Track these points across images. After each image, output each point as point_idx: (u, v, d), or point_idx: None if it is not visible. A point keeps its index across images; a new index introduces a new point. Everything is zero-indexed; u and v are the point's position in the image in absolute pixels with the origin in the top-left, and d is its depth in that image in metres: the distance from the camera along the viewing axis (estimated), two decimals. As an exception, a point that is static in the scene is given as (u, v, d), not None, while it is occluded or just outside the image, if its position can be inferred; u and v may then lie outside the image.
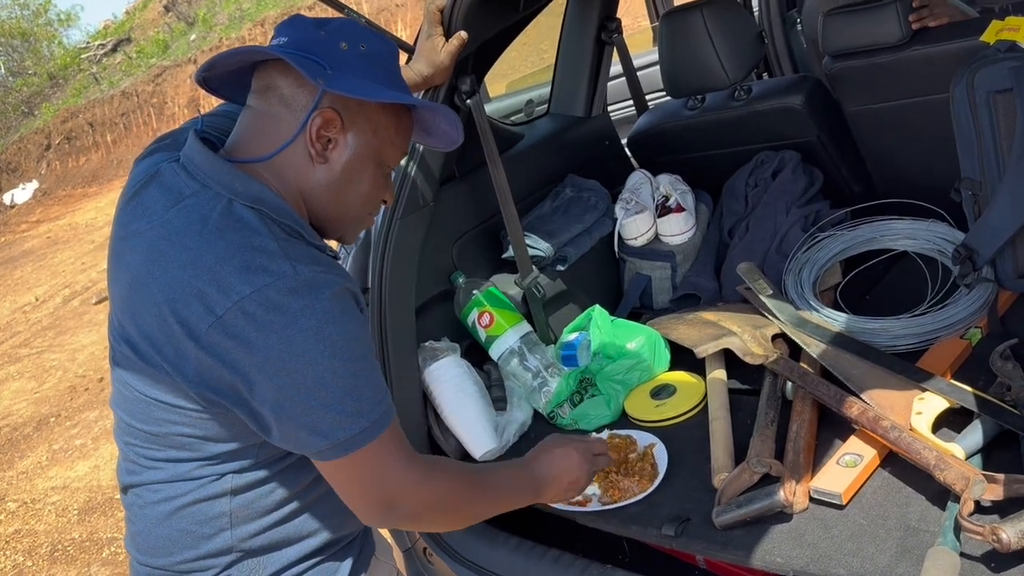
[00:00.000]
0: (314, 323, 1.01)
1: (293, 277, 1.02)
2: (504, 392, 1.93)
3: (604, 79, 2.58)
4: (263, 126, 1.14)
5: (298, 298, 1.01)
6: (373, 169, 1.20)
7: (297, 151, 1.14)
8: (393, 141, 1.21)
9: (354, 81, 1.13)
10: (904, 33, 1.96)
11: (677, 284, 2.23)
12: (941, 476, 1.28)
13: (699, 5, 2.16)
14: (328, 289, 1.03)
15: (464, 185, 2.09)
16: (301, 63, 1.10)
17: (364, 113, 1.16)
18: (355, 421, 1.04)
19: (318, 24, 1.16)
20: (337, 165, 1.16)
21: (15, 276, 10.49)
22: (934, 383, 1.50)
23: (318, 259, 1.08)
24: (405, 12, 12.77)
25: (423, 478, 1.14)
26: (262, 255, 1.03)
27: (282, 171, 1.14)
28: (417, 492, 1.14)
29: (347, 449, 1.05)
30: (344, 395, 1.04)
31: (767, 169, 2.20)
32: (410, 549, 1.82)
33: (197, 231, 1.05)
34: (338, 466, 1.08)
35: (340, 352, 1.02)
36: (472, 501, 1.23)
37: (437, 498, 1.17)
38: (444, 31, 1.73)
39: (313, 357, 1.01)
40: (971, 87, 1.72)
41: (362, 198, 1.21)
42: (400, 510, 1.14)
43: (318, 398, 1.03)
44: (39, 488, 4.58)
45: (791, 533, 1.35)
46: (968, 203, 1.80)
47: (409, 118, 1.24)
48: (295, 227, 1.11)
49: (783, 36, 3.41)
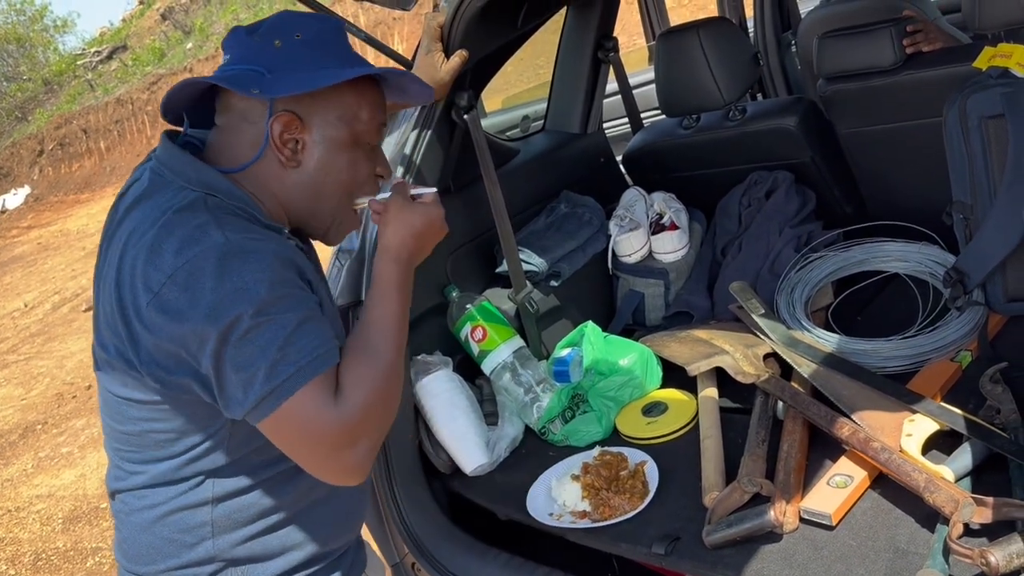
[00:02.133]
0: (239, 283, 1.02)
1: (224, 244, 1.04)
2: (496, 407, 1.93)
3: (600, 97, 2.59)
4: (231, 140, 1.17)
5: (225, 262, 1.03)
6: (350, 153, 1.19)
7: (269, 161, 1.16)
8: (361, 118, 1.19)
9: (296, 76, 1.13)
10: (898, 57, 1.98)
11: (670, 302, 2.24)
12: (931, 498, 1.28)
13: (696, 25, 2.18)
14: (256, 253, 1.05)
15: (459, 199, 2.10)
16: (234, 79, 1.12)
17: (321, 103, 1.16)
18: (280, 372, 1.03)
19: (250, 31, 1.16)
20: (310, 164, 1.17)
21: (4, 282, 10.45)
22: (924, 405, 1.51)
23: (254, 230, 1.09)
24: (402, 26, 12.82)
25: (348, 407, 1.06)
26: (197, 230, 1.05)
27: (258, 180, 1.16)
28: (351, 421, 1.06)
29: (280, 396, 1.03)
30: (270, 350, 1.02)
31: (760, 189, 2.22)
32: (398, 564, 1.81)
33: (153, 223, 1.07)
34: (276, 423, 1.05)
35: (266, 309, 1.02)
36: (380, 360, 1.12)
37: (367, 405, 1.08)
38: (443, 47, 1.75)
39: (239, 315, 1.01)
40: (963, 112, 1.74)
41: (344, 184, 1.21)
42: (356, 450, 1.07)
43: (246, 355, 1.02)
44: (24, 496, 4.54)
45: (781, 553, 1.35)
46: (959, 226, 1.81)
47: (373, 87, 1.22)
48: (246, 208, 1.12)
49: (778, 57, 3.44)
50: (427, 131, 1.85)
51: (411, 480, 1.79)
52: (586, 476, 1.64)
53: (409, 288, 1.22)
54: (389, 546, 1.81)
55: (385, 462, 1.76)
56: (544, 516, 1.61)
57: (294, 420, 1.04)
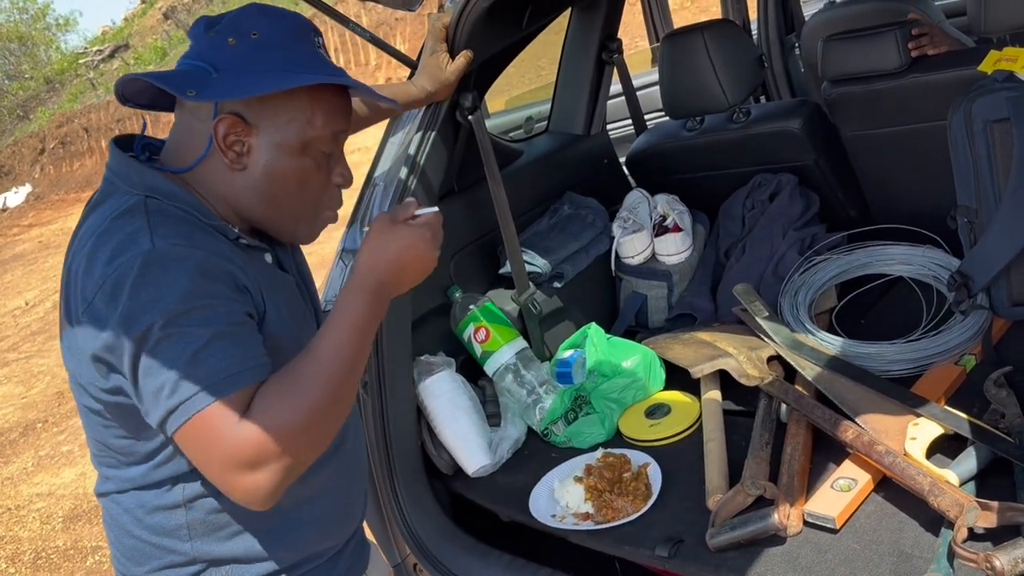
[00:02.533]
0: (155, 293, 0.99)
1: (149, 252, 1.01)
2: (498, 408, 1.92)
3: (604, 98, 2.59)
4: (182, 139, 1.14)
5: (146, 270, 1.00)
6: (299, 160, 1.13)
7: (216, 162, 1.11)
8: (314, 124, 1.12)
9: (242, 78, 1.08)
10: (903, 60, 1.98)
11: (673, 304, 2.24)
12: (935, 502, 1.28)
13: (700, 27, 2.18)
14: (179, 261, 1.01)
15: (463, 200, 2.10)
16: (173, 78, 1.08)
17: (270, 106, 1.10)
18: (184, 389, 0.99)
19: (210, 24, 1.12)
20: (256, 168, 1.12)
21: (5, 280, 10.45)
22: (928, 409, 1.51)
23: (190, 235, 1.05)
24: (404, 26, 12.83)
25: (252, 431, 1.00)
26: (128, 238, 1.03)
27: (205, 181, 1.13)
28: (253, 445, 0.99)
29: (183, 414, 1.00)
30: (177, 364, 0.99)
31: (764, 192, 2.21)
32: (399, 565, 1.81)
33: (94, 232, 1.06)
34: (182, 438, 1.02)
35: (178, 320, 0.99)
36: (306, 396, 1.03)
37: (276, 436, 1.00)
38: (448, 48, 1.75)
39: (150, 325, 0.99)
40: (968, 116, 1.74)
41: (296, 194, 1.15)
42: (259, 474, 1.00)
43: (155, 367, 1.00)
44: (24, 494, 4.54)
45: (785, 557, 1.35)
46: (964, 230, 1.81)
47: (333, 93, 1.15)
48: (190, 210, 1.08)
49: (781, 60, 3.44)
50: (431, 132, 1.85)
51: (413, 480, 1.79)
52: (589, 478, 1.63)
53: (371, 322, 1.09)
54: (391, 546, 1.81)
55: (388, 462, 1.76)
56: (546, 518, 1.61)
57: (198, 438, 1.01)
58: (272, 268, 1.20)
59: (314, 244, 1.26)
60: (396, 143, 1.88)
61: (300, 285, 1.26)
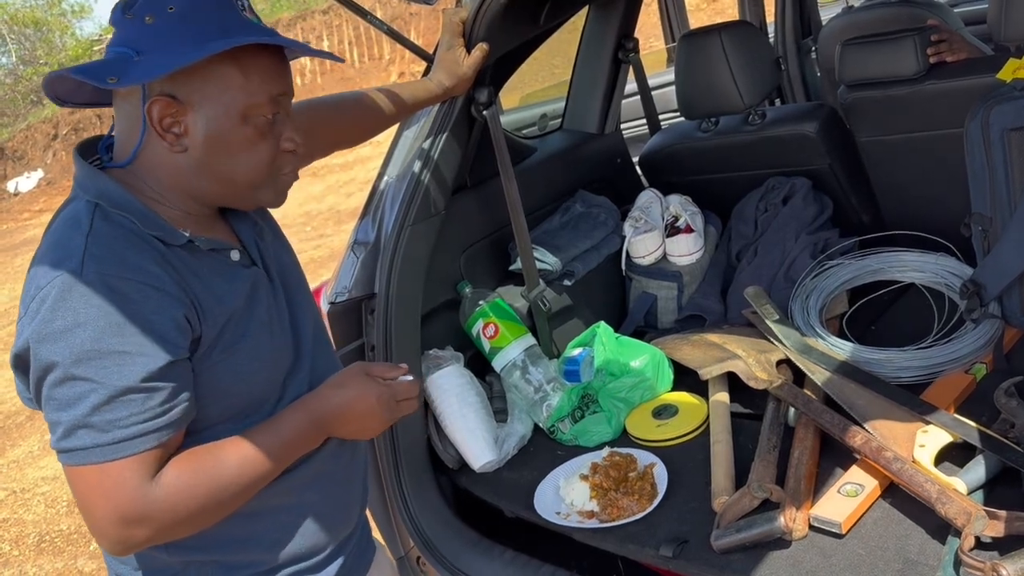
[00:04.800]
0: (71, 322, 0.96)
1: (71, 277, 0.97)
2: (505, 404, 1.92)
3: (619, 97, 2.59)
4: (123, 131, 1.10)
5: (66, 295, 0.97)
6: (240, 131, 1.07)
7: (155, 148, 1.07)
8: (248, 90, 1.07)
9: (166, 55, 1.02)
10: (921, 66, 1.97)
11: (683, 305, 2.23)
12: (943, 510, 1.27)
13: (718, 28, 2.17)
14: (102, 294, 0.97)
15: (475, 195, 2.10)
16: (93, 69, 1.04)
17: (199, 80, 1.04)
18: (78, 437, 0.97)
19: (126, 7, 1.06)
20: (197, 147, 1.07)
21: (15, 264, 10.49)
22: (938, 416, 1.50)
23: (120, 259, 1.00)
24: (419, 21, 12.84)
25: (156, 498, 1.00)
26: (65, 253, 1.00)
27: (148, 170, 1.09)
28: (149, 510, 1.00)
29: (73, 460, 0.99)
30: (76, 409, 0.97)
31: (778, 195, 2.21)
32: (403, 558, 1.81)
33: (48, 235, 1.06)
34: (72, 475, 1.00)
35: (86, 362, 0.96)
36: (212, 484, 1.04)
37: (176, 510, 1.02)
38: (465, 43, 1.74)
39: (56, 362, 0.96)
40: (986, 123, 1.73)
41: (245, 166, 1.10)
42: (138, 531, 1.01)
43: (54, 403, 0.98)
44: (29, 477, 4.56)
45: (789, 560, 1.34)
46: (978, 238, 1.80)
47: (266, 55, 1.09)
48: (132, 220, 1.04)
49: (797, 63, 3.44)
50: (446, 126, 1.85)
51: (419, 474, 1.79)
52: (595, 476, 1.63)
53: (302, 444, 1.13)
54: (395, 539, 1.81)
55: (393, 456, 1.76)
56: (551, 515, 1.61)
57: (83, 485, 0.99)
58: (235, 267, 1.14)
59: (323, 237, 1.25)
60: (410, 137, 1.88)
61: (273, 277, 1.21)
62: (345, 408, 1.16)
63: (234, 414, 1.12)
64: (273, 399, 1.16)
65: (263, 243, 1.23)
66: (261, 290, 1.16)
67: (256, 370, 1.12)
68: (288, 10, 15.29)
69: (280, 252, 1.27)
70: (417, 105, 1.73)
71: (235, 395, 1.11)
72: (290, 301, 1.23)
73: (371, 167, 8.72)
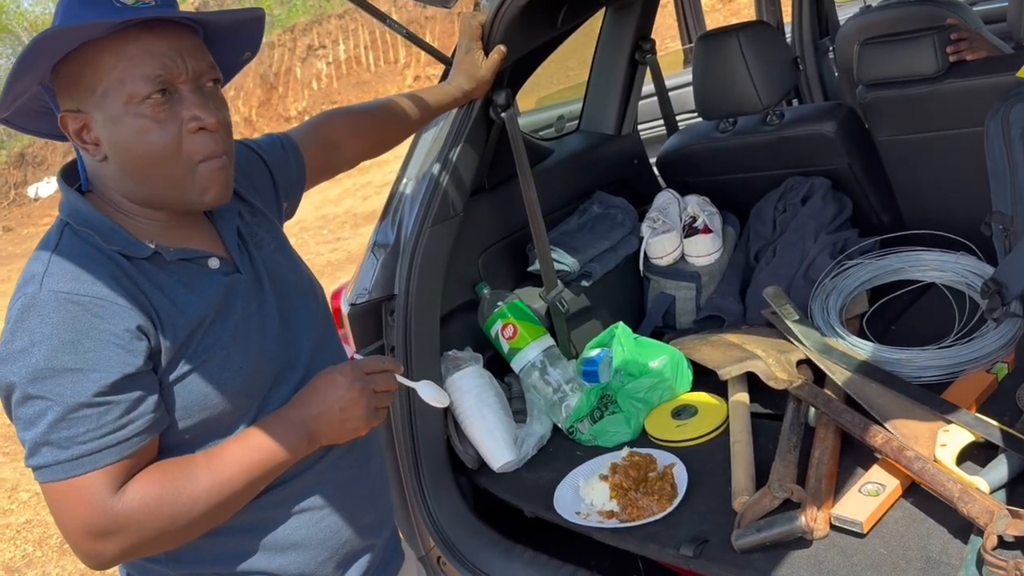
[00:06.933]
0: (27, 342, 0.96)
1: (32, 296, 0.98)
2: (524, 405, 1.93)
3: (636, 98, 2.59)
4: None
5: (25, 316, 0.97)
6: (134, 122, 1.02)
7: (90, 163, 1.07)
8: (122, 78, 1.00)
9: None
10: (941, 65, 1.96)
11: (701, 305, 2.23)
12: (965, 509, 1.27)
13: (735, 28, 2.17)
14: (59, 312, 0.97)
15: (493, 197, 2.11)
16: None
17: (84, 81, 1.01)
18: (42, 455, 0.98)
19: None
20: (111, 150, 1.04)
21: (37, 268, 10.60)
22: (959, 416, 1.49)
23: (76, 276, 0.99)
24: (434, 25, 12.88)
25: (119, 508, 0.99)
26: (30, 275, 1.01)
27: (102, 186, 1.09)
28: (115, 520, 0.99)
29: (41, 477, 1.00)
30: (36, 427, 0.97)
31: (797, 195, 2.20)
32: (424, 557, 1.82)
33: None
34: (43, 490, 1.01)
35: (42, 380, 0.96)
36: (179, 498, 1.02)
37: (139, 520, 1.00)
38: (483, 46, 1.76)
39: (14, 382, 0.97)
40: (1006, 122, 1.72)
41: (154, 159, 1.04)
42: (108, 543, 1.00)
43: (19, 422, 0.99)
44: (52, 479, 4.61)
45: (810, 560, 1.34)
46: (999, 237, 1.79)
47: (133, 35, 1.00)
48: (93, 236, 1.04)
49: (815, 63, 3.43)
50: (464, 129, 1.86)
51: (438, 474, 1.80)
52: (614, 476, 1.64)
53: (280, 456, 1.08)
54: (415, 539, 1.82)
55: (413, 456, 1.78)
56: (571, 515, 1.61)
57: (52, 500, 1.01)
58: (211, 275, 1.11)
59: (339, 240, 1.22)
60: (429, 140, 1.89)
61: (264, 285, 1.17)
62: (319, 403, 1.10)
63: (210, 427, 1.09)
64: (253, 410, 1.12)
65: (259, 251, 1.20)
66: (237, 298, 1.12)
67: (228, 379, 1.08)
68: (304, 14, 15.38)
69: (280, 260, 1.23)
70: (440, 109, 1.74)
71: (209, 406, 1.07)
72: (286, 310, 1.19)
73: (387, 171, 8.75)
